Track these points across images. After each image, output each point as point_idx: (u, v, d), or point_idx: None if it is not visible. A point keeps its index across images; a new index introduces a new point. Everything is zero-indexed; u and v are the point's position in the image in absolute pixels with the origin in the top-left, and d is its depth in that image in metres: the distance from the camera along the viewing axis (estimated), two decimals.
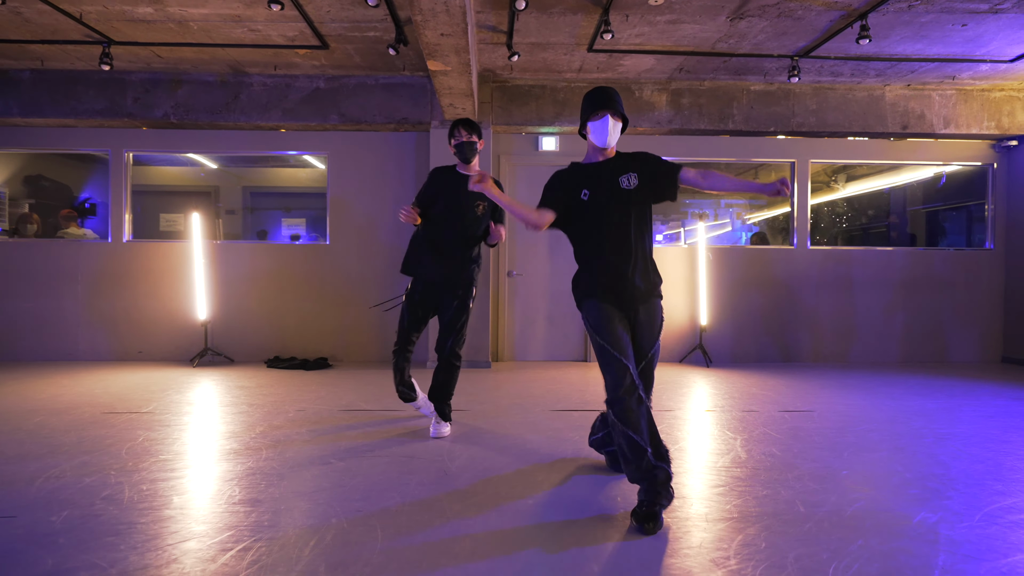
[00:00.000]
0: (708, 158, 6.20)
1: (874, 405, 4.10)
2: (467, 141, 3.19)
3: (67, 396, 4.17)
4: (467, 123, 3.21)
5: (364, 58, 5.18)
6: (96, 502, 2.27)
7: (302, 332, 5.88)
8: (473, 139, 3.21)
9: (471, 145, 3.21)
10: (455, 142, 3.22)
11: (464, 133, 3.21)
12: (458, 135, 3.22)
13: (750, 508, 2.28)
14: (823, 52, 4.99)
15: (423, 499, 2.34)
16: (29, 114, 5.50)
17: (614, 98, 2.43)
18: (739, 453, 2.98)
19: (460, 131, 3.21)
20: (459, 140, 3.21)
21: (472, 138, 3.21)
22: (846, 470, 2.74)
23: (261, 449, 2.97)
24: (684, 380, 5.03)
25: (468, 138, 3.20)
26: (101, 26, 4.51)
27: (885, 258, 6.17)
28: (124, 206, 5.85)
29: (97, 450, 2.92)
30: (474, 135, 3.22)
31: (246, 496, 2.35)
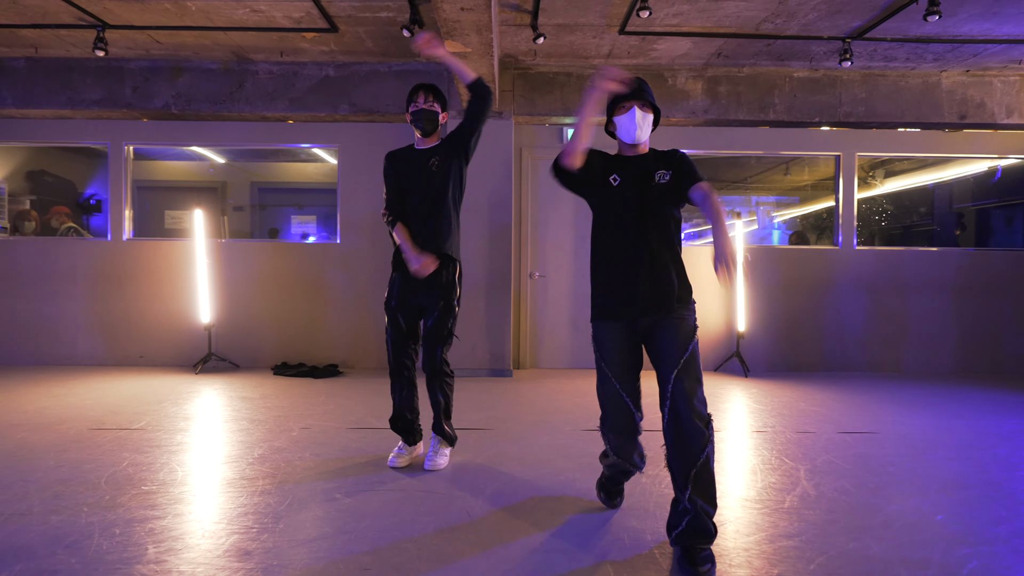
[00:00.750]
0: (746, 151, 5.76)
1: (943, 426, 3.66)
2: (425, 108, 2.63)
3: (56, 408, 3.85)
4: (430, 88, 2.67)
5: (376, 43, 4.80)
6: (58, 551, 1.92)
7: (311, 337, 5.54)
8: (434, 107, 2.65)
9: (430, 115, 2.64)
10: (412, 109, 2.65)
11: (423, 98, 2.63)
12: (415, 101, 2.64)
13: (838, 570, 1.87)
14: (879, 33, 4.52)
15: (442, 552, 1.96)
16: (24, 105, 5.21)
17: (642, 87, 2.10)
18: (807, 488, 2.57)
19: (419, 96, 2.64)
20: (416, 107, 2.64)
21: (432, 106, 2.64)
22: (940, 514, 2.32)
23: (258, 480, 2.61)
24: (722, 392, 4.61)
25: (427, 104, 2.63)
26: (93, 7, 4.18)
27: (938, 259, 5.69)
28: (124, 202, 5.54)
29: (74, 478, 2.58)
30: (436, 103, 2.66)
31: (235, 544, 1.99)
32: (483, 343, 5.24)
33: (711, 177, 7.57)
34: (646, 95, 2.10)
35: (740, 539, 2.08)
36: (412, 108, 2.70)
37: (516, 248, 5.54)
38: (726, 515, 2.29)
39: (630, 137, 2.10)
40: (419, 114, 2.68)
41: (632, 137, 2.10)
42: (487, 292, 5.24)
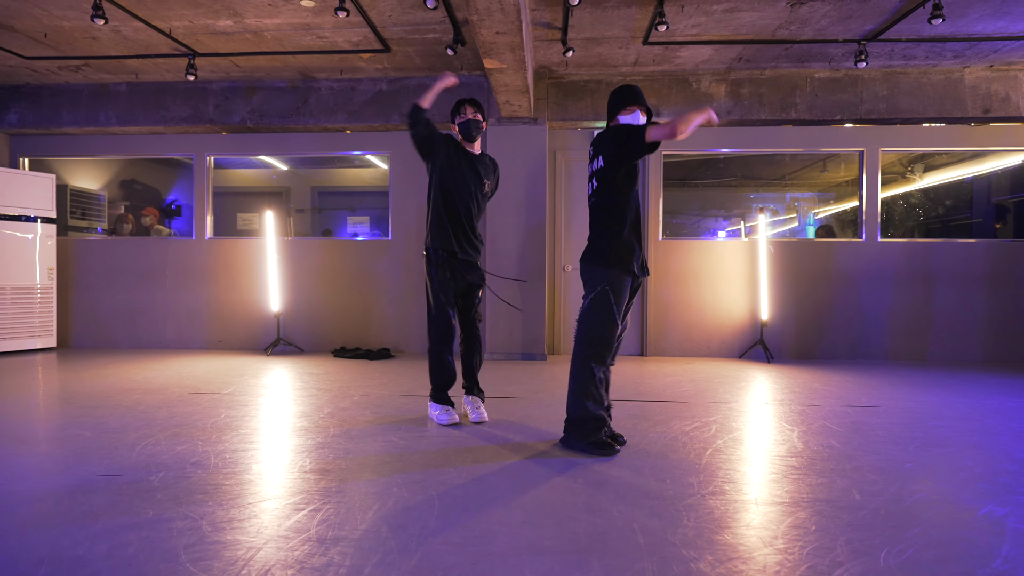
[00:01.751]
0: (770, 149, 6.04)
1: (947, 402, 3.91)
2: (473, 119, 3.23)
3: (158, 378, 4.58)
4: (473, 101, 3.28)
5: (424, 60, 5.38)
6: (186, 466, 2.52)
7: (366, 324, 6.17)
8: (479, 118, 3.25)
9: (477, 124, 3.24)
10: (460, 120, 3.24)
11: (470, 111, 3.24)
12: (463, 113, 3.24)
13: (802, 494, 2.26)
14: (893, 35, 4.77)
15: (478, 474, 2.46)
16: (125, 123, 6.05)
17: (639, 93, 2.79)
18: (795, 444, 2.94)
19: (466, 109, 3.24)
20: (464, 118, 3.23)
21: (478, 116, 3.25)
22: (910, 463, 2.66)
23: (329, 427, 3.18)
24: (743, 375, 4.94)
25: (474, 116, 3.24)
26: (187, 39, 4.91)
27: (965, 251, 5.82)
28: (206, 206, 6.33)
29: (186, 424, 3.22)
30: (479, 114, 3.26)
31: (316, 466, 2.54)
32: (519, 329, 5.74)
33: (744, 175, 7.84)
34: (644, 101, 2.80)
35: (726, 475, 2.49)
36: (460, 119, 3.28)
37: (550, 243, 6.01)
38: (718, 460, 2.69)
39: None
40: (468, 124, 3.26)
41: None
42: (523, 283, 5.73)
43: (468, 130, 3.25)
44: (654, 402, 3.88)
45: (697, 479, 2.43)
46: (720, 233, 7.63)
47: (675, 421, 3.37)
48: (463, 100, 3.30)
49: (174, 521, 1.96)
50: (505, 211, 5.67)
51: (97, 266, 6.41)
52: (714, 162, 7.33)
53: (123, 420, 3.29)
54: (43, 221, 6.09)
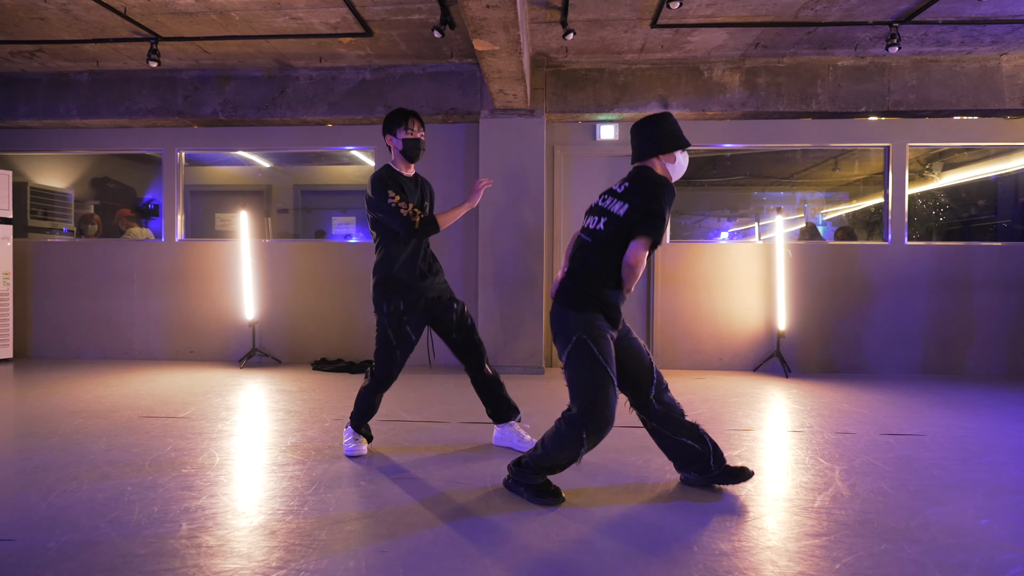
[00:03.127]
0: (788, 144, 5.57)
1: (999, 430, 3.44)
2: (422, 139, 2.76)
3: (111, 398, 4.10)
4: (419, 117, 2.79)
5: (410, 45, 4.91)
6: (101, 525, 2.05)
7: (349, 334, 5.69)
8: (424, 137, 2.78)
9: (423, 145, 2.79)
10: (406, 136, 2.72)
11: (417, 127, 2.75)
12: (410, 128, 2.73)
13: (866, 571, 1.79)
14: (929, 16, 4.30)
15: (456, 541, 1.98)
16: (87, 115, 5.57)
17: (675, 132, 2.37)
18: (840, 489, 2.47)
19: (414, 124, 2.74)
20: (412, 135, 2.73)
21: (423, 135, 2.78)
22: (985, 518, 2.19)
23: (288, 465, 2.71)
24: (761, 393, 4.48)
25: (423, 135, 2.77)
26: (146, 20, 4.43)
27: (999, 254, 5.35)
28: (177, 205, 5.85)
29: (121, 460, 2.74)
30: (424, 133, 2.79)
31: (263, 523, 2.07)
32: (515, 341, 5.26)
33: (752, 173, 7.37)
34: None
35: (764, 537, 2.02)
36: (407, 135, 2.74)
37: (548, 246, 5.54)
38: (753, 512, 2.22)
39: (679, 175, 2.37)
40: (417, 143, 2.75)
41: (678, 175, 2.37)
42: (520, 291, 5.26)
43: (415, 151, 2.76)
44: None
45: (731, 543, 1.96)
46: (723, 234, 7.17)
47: None
48: (410, 112, 2.77)
49: None
50: (500, 212, 5.20)
51: (59, 270, 5.92)
52: (721, 159, 6.86)
53: (50, 454, 2.82)
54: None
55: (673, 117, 2.35)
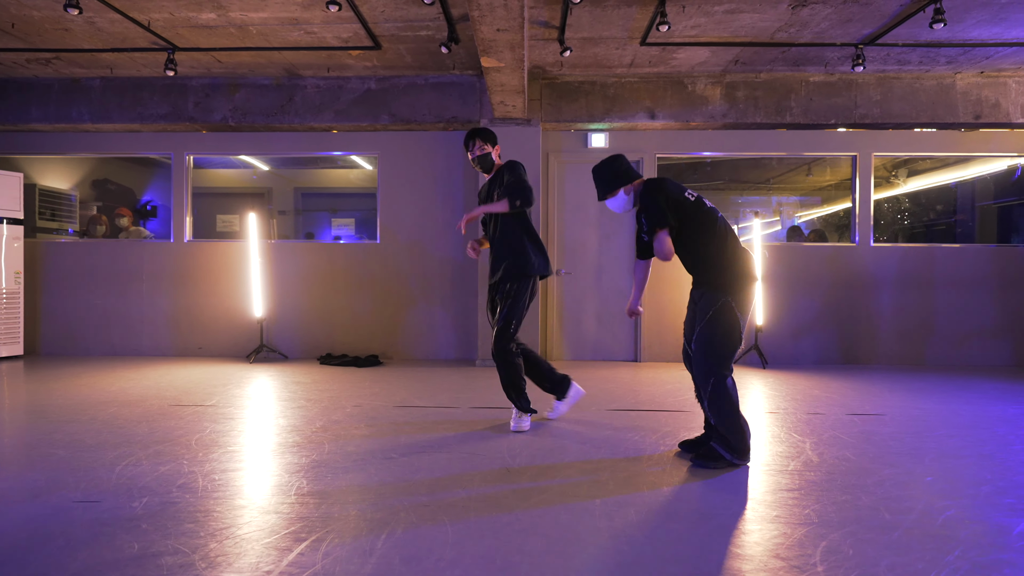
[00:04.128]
0: (764, 152, 6.01)
1: (950, 410, 3.88)
2: (480, 155, 3.34)
3: (135, 389, 4.33)
4: (481, 133, 3.34)
5: (415, 58, 5.22)
6: (172, 490, 2.33)
7: (353, 330, 5.97)
8: (487, 150, 3.34)
9: (486, 157, 3.34)
10: (471, 156, 3.37)
11: (478, 146, 3.34)
12: (473, 149, 3.35)
13: (830, 514, 2.16)
14: (891, 39, 4.76)
15: (488, 494, 2.31)
16: (99, 120, 5.77)
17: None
18: (810, 456, 2.85)
19: (474, 144, 3.35)
20: (474, 154, 3.36)
21: (486, 149, 3.34)
22: (930, 476, 2.59)
23: (323, 443, 3.01)
24: (740, 381, 4.87)
25: (482, 151, 3.33)
26: (167, 33, 4.68)
27: (957, 255, 5.85)
28: (185, 207, 6.07)
29: (168, 440, 3.02)
30: (487, 145, 3.35)
31: (313, 488, 2.37)
32: None
33: (731, 178, 7.82)
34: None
35: (746, 492, 2.39)
36: (471, 156, 3.39)
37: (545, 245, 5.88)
38: (737, 476, 2.59)
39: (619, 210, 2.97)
40: (478, 159, 3.38)
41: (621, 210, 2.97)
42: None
43: (480, 164, 3.40)
44: (655, 411, 3.78)
45: (721, 497, 2.32)
46: None
47: (682, 433, 3.27)
48: (471, 133, 3.37)
49: (163, 556, 1.78)
50: None
51: (68, 269, 6.10)
52: (702, 166, 7.29)
53: (99, 437, 3.07)
54: (9, 222, 5.77)
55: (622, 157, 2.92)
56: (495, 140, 3.37)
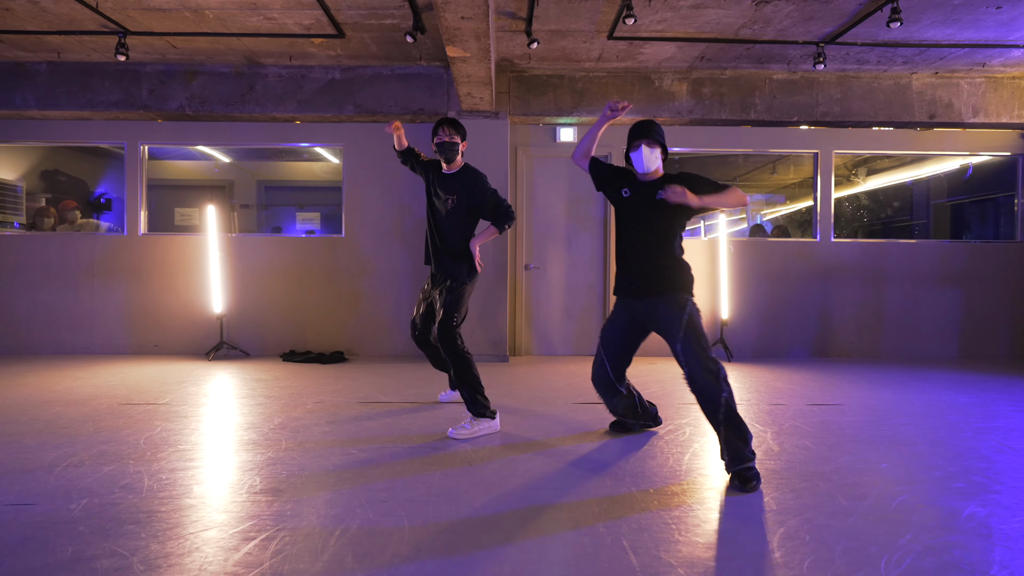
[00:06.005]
0: (729, 149, 6.08)
1: (905, 400, 3.98)
2: (448, 141, 3.20)
3: (84, 388, 4.14)
4: (452, 122, 3.23)
5: (380, 47, 5.11)
6: (115, 491, 2.22)
7: (317, 326, 5.83)
8: (455, 139, 3.21)
9: (453, 146, 3.21)
10: (436, 141, 3.21)
11: (446, 132, 3.20)
12: (440, 134, 3.21)
13: (788, 501, 2.18)
14: (850, 38, 4.85)
15: (449, 489, 2.26)
16: (46, 106, 5.50)
17: (650, 127, 2.75)
18: (771, 446, 2.89)
19: (443, 130, 3.21)
20: (440, 139, 3.21)
21: (455, 138, 3.21)
22: (885, 463, 2.64)
23: (280, 440, 2.91)
24: None
25: (450, 138, 3.20)
26: (117, 15, 4.48)
27: (912, 251, 6.02)
28: (140, 199, 5.84)
29: (115, 440, 2.88)
30: (457, 136, 3.22)
31: (267, 486, 2.29)
32: (481, 331, 5.55)
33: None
34: (653, 134, 2.73)
35: (708, 481, 2.39)
36: (436, 140, 3.22)
37: (512, 241, 5.85)
38: (698, 465, 2.60)
39: (640, 168, 2.77)
40: (443, 146, 3.22)
41: (642, 168, 2.76)
42: (485, 283, 5.54)
43: (441, 152, 3.24)
44: None
45: (680, 487, 2.32)
46: None
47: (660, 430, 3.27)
48: (443, 120, 3.25)
49: (98, 559, 1.69)
50: None
51: (13, 264, 5.80)
52: (670, 162, 7.35)
53: (40, 437, 2.91)
54: None
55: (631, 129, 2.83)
56: (465, 135, 3.29)
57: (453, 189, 3.25)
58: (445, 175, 3.31)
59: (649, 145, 2.71)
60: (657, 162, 2.75)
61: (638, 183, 2.79)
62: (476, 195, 3.21)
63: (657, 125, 2.76)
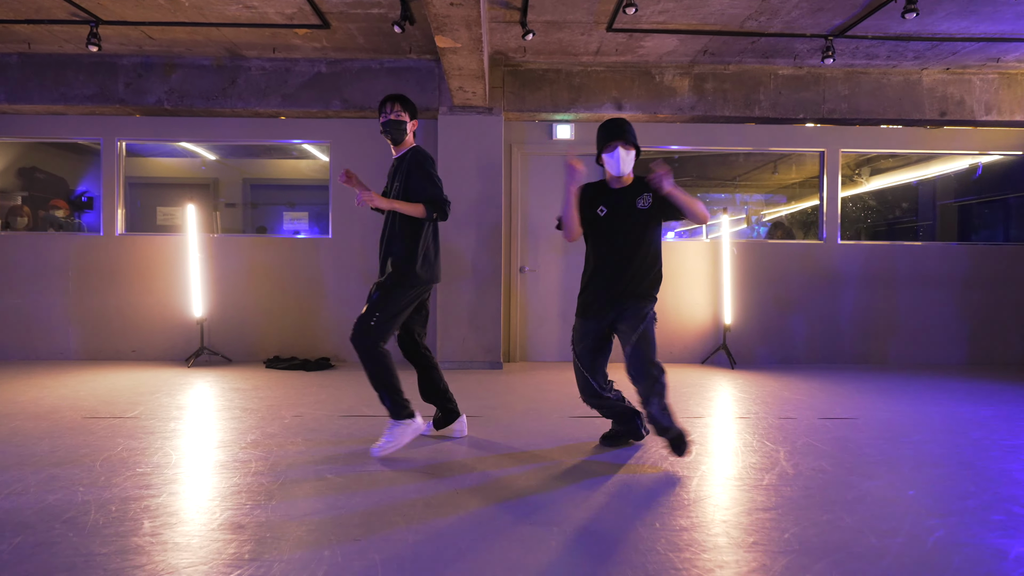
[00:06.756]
0: (732, 147, 5.85)
1: (922, 412, 3.76)
2: (395, 119, 2.81)
3: (49, 399, 3.89)
4: (400, 98, 2.86)
5: (368, 39, 4.86)
6: (55, 526, 1.97)
7: (303, 331, 5.58)
8: (403, 117, 2.82)
9: (400, 124, 2.82)
10: (382, 119, 2.82)
11: (393, 109, 2.82)
12: (385, 111, 2.81)
13: (811, 539, 1.95)
14: (860, 31, 4.63)
15: (430, 524, 2.02)
16: (17, 100, 5.23)
17: (624, 128, 2.65)
18: (785, 468, 2.65)
19: (388, 106, 2.82)
20: (386, 117, 2.81)
21: (402, 116, 2.82)
22: (912, 489, 2.41)
23: (251, 461, 2.67)
24: (709, 383, 4.70)
25: (397, 115, 2.81)
26: (87, 3, 4.22)
27: (920, 253, 5.81)
28: (116, 198, 5.57)
29: (69, 461, 2.63)
30: (404, 113, 2.83)
31: (229, 519, 2.04)
32: (473, 337, 5.31)
33: (699, 175, 7.68)
34: (627, 135, 2.63)
35: (719, 512, 2.16)
36: (382, 118, 2.85)
37: (506, 243, 5.61)
38: (706, 491, 2.36)
39: (616, 171, 2.66)
40: (388, 124, 2.83)
41: (618, 171, 2.66)
42: (478, 286, 5.30)
43: (386, 132, 2.85)
44: None
45: (689, 519, 2.09)
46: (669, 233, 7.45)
47: (651, 441, 3.05)
48: (388, 97, 2.87)
49: None
50: (457, 208, 5.23)
51: None
52: (669, 161, 7.13)
53: None
54: None
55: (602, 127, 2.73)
56: (415, 113, 2.92)
57: (398, 174, 2.89)
58: (393, 160, 2.96)
59: (625, 147, 2.63)
60: (631, 164, 2.67)
61: (611, 195, 2.71)
62: (415, 178, 2.80)
63: (630, 124, 2.67)
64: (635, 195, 2.68)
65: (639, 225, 2.67)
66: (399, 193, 2.83)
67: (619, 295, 2.69)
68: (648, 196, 2.66)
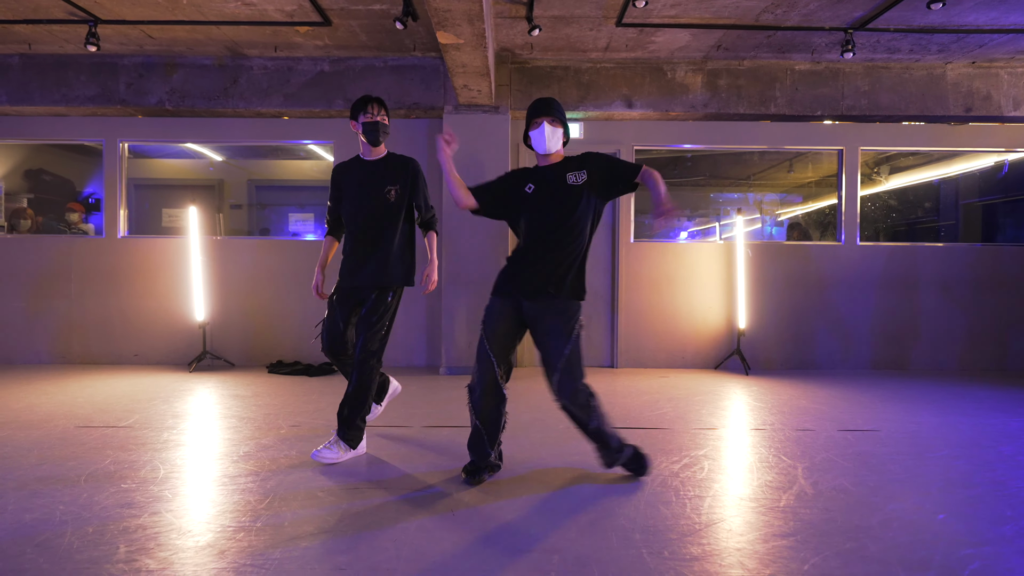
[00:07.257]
0: (747, 146, 5.66)
1: (948, 424, 3.57)
2: (381, 122, 2.77)
3: (46, 406, 3.81)
4: (381, 101, 2.83)
5: (371, 37, 4.75)
6: (27, 551, 1.87)
7: (307, 335, 5.48)
8: (387, 120, 2.82)
9: (385, 127, 2.80)
10: (364, 119, 2.76)
11: (376, 109, 2.78)
12: (368, 111, 2.77)
13: (834, 571, 1.79)
14: (882, 23, 4.43)
15: (422, 553, 1.89)
16: (19, 102, 5.18)
17: (552, 104, 2.54)
18: (804, 487, 2.49)
19: (372, 107, 2.78)
20: (370, 118, 2.76)
21: (386, 119, 2.81)
22: (942, 513, 2.24)
23: (240, 477, 2.55)
24: (722, 391, 4.53)
25: (383, 118, 2.79)
26: (84, 1, 4.14)
27: (943, 254, 5.58)
28: (119, 199, 5.51)
29: (54, 476, 2.53)
30: (387, 116, 2.83)
31: (211, 543, 1.93)
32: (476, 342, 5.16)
33: (711, 174, 7.49)
34: (555, 111, 2.51)
35: (733, 539, 2.01)
36: (365, 119, 2.78)
37: (512, 244, 5.46)
38: (719, 513, 2.21)
39: (541, 148, 2.52)
40: (375, 126, 2.78)
41: (543, 148, 2.52)
42: (483, 291, 5.17)
43: (374, 133, 2.78)
44: (633, 428, 3.40)
45: (701, 547, 1.94)
46: (682, 234, 7.27)
47: (660, 456, 2.89)
48: (371, 98, 2.81)
49: None
50: (463, 211, 5.09)
51: None
52: (682, 160, 6.94)
53: None
54: None
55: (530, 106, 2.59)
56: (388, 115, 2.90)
57: (393, 178, 2.83)
58: (368, 163, 2.86)
59: (552, 123, 2.50)
60: (559, 142, 2.55)
61: (540, 174, 2.55)
62: (421, 194, 2.91)
63: (558, 103, 2.57)
64: (565, 171, 2.51)
65: (571, 200, 2.46)
66: (399, 199, 2.84)
67: (545, 280, 2.44)
68: (582, 173, 2.48)
